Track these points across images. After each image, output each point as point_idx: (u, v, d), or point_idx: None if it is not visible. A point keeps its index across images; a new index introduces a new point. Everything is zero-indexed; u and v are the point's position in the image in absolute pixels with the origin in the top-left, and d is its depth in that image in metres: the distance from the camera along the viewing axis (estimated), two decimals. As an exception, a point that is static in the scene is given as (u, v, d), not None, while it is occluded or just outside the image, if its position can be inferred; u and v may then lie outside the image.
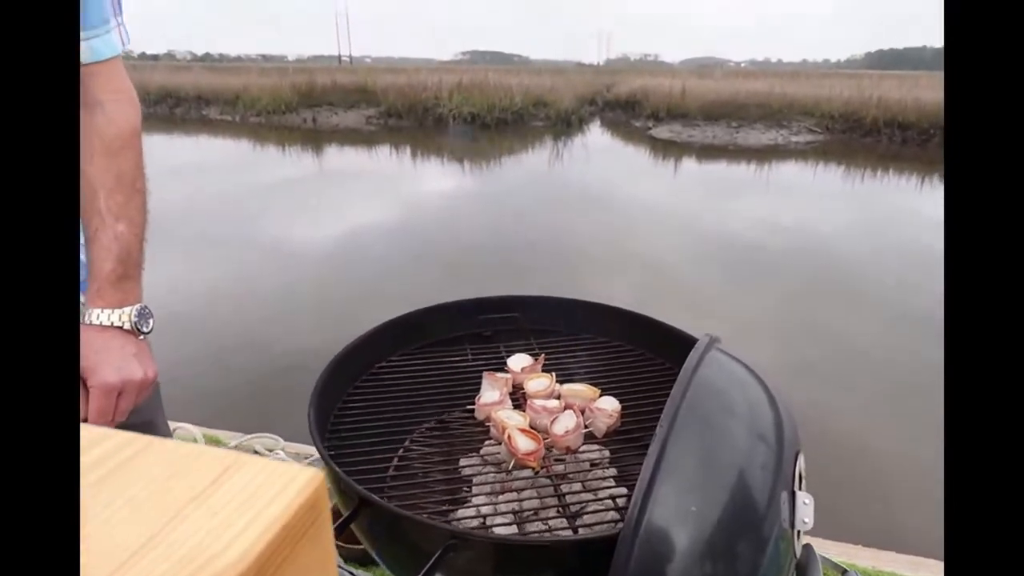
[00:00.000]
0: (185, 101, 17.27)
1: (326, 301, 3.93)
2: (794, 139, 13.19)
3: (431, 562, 0.52)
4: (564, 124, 15.44)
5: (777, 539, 0.55)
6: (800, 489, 0.60)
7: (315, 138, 13.05)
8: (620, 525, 0.54)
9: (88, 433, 0.25)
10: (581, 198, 7.76)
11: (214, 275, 4.42)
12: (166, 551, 0.19)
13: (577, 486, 0.74)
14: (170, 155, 9.94)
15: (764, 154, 11.54)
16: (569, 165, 10.54)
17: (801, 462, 0.62)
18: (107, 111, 0.69)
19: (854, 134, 13.19)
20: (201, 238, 5.31)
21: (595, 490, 0.73)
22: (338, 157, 11.27)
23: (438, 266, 4.80)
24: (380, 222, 6.20)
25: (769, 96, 14.81)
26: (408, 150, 11.92)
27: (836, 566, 0.74)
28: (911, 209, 7.37)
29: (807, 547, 0.70)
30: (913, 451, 2.41)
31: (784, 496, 0.57)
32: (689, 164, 10.81)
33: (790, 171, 10.17)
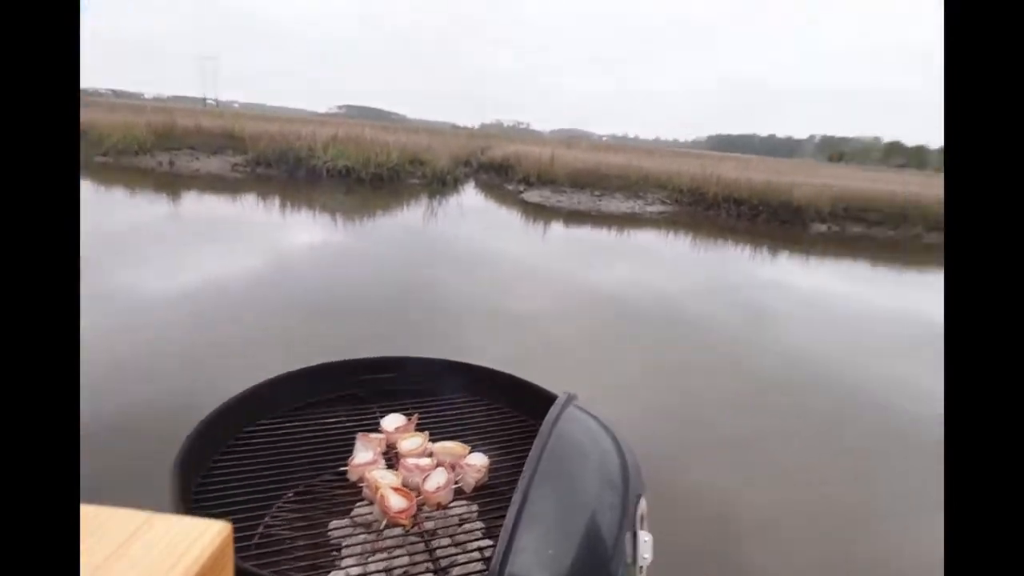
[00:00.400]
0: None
1: (181, 358, 3.62)
2: (649, 209, 14.53)
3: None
4: (439, 183, 15.77)
5: (621, 570, 0.63)
6: (642, 528, 0.68)
7: (173, 183, 12.17)
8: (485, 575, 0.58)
9: None
10: (456, 256, 7.91)
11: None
12: None
13: (446, 541, 0.77)
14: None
15: (623, 221, 12.57)
16: (444, 223, 10.73)
17: (643, 504, 0.71)
18: None
19: (699, 207, 14.83)
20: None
21: (463, 543, 0.77)
22: (198, 204, 10.58)
23: (307, 322, 4.62)
24: (245, 274, 5.86)
25: (627, 169, 16.30)
26: (277, 200, 11.48)
27: None
28: (747, 273, 8.38)
29: (651, 583, 0.78)
30: (751, 493, 2.68)
31: (628, 536, 0.66)
32: (557, 227, 11.47)
33: (646, 237, 11.14)
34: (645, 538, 0.67)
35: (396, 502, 0.70)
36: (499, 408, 0.98)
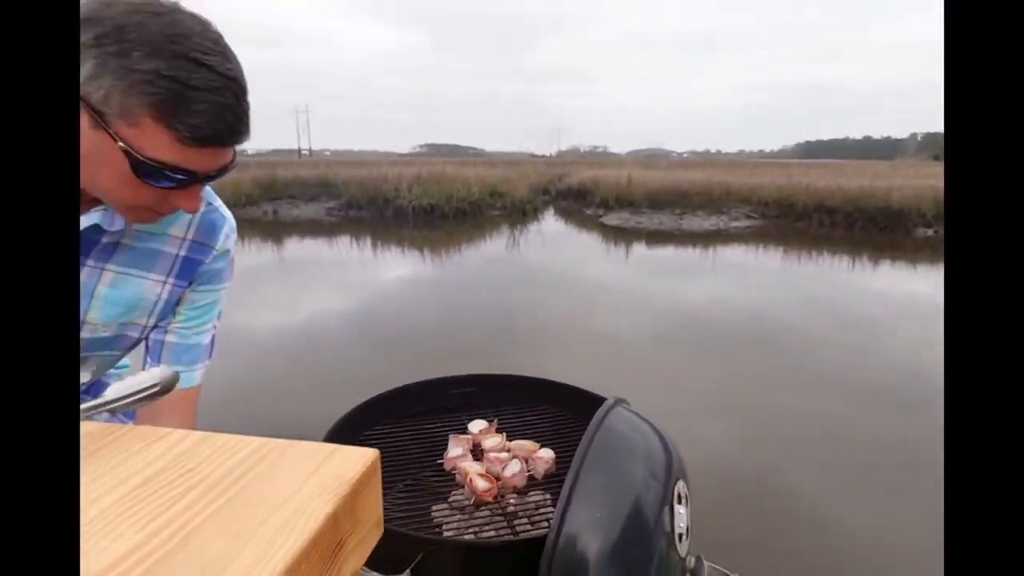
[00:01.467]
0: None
1: (303, 379, 4.03)
2: (734, 224, 14.17)
3: (415, 562, 0.72)
4: (520, 213, 16.19)
5: (662, 539, 0.78)
6: (680, 504, 0.83)
7: (276, 230, 13.32)
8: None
9: (230, 441, 0.46)
10: (538, 281, 8.14)
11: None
12: (312, 493, 0.40)
13: (524, 520, 0.95)
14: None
15: (707, 238, 12.34)
16: (526, 250, 11.03)
17: (681, 485, 0.85)
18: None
19: (787, 219, 14.27)
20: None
21: (537, 521, 0.94)
22: (300, 248, 11.52)
23: (403, 348, 4.98)
24: (345, 307, 6.38)
25: (709, 185, 16.01)
26: (368, 240, 12.26)
27: (721, 571, 0.95)
28: (846, 284, 8.00)
29: (699, 557, 0.92)
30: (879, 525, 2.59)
31: (666, 509, 0.80)
32: (639, 248, 11.46)
33: (734, 253, 10.87)
34: (681, 511, 0.81)
35: (481, 484, 0.89)
36: (565, 414, 1.15)
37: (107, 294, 0.80)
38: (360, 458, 0.44)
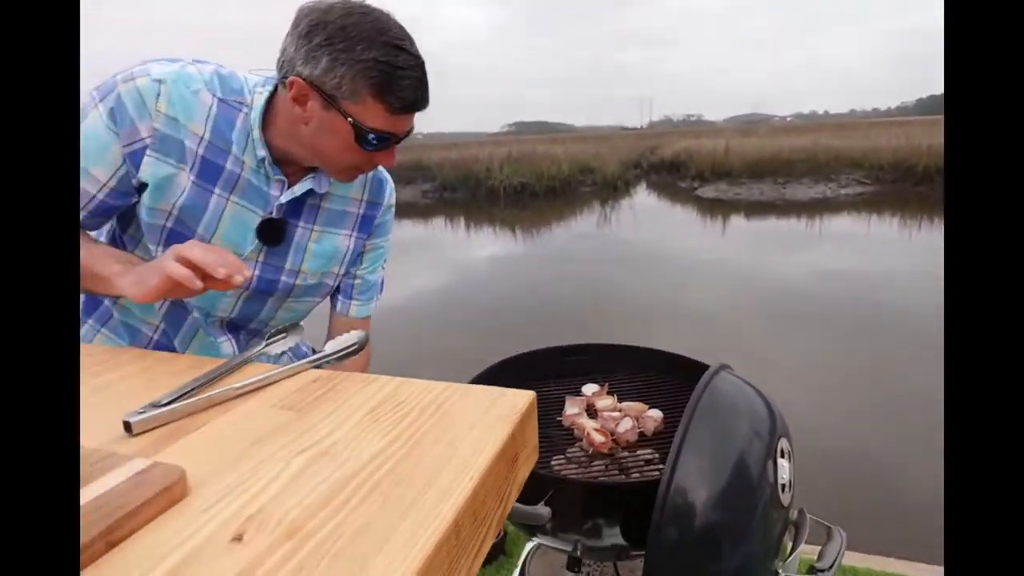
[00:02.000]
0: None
1: (419, 352, 4.34)
2: (843, 192, 13.26)
3: (547, 497, 0.86)
4: (611, 189, 16.01)
5: (766, 489, 0.87)
6: (782, 458, 0.91)
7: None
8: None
9: (423, 384, 0.60)
10: (632, 258, 8.10)
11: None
12: (489, 422, 0.54)
13: (635, 472, 1.06)
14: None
15: (813, 208, 11.66)
16: (618, 227, 10.95)
17: (784, 442, 0.93)
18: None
19: (905, 184, 13.16)
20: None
21: (648, 472, 1.05)
22: (398, 230, 12.08)
23: (509, 318, 5.21)
24: (449, 284, 6.70)
25: (814, 150, 15.04)
26: (462, 220, 12.61)
27: (823, 524, 1.01)
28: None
29: (801, 510, 0.99)
30: None
31: (769, 463, 0.89)
32: (738, 221, 11.04)
33: (842, 224, 10.21)
34: (785, 465, 0.89)
35: (598, 438, 1.01)
36: (671, 380, 1.24)
37: (315, 248, 1.00)
38: (523, 397, 0.57)
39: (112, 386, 0.64)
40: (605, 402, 1.13)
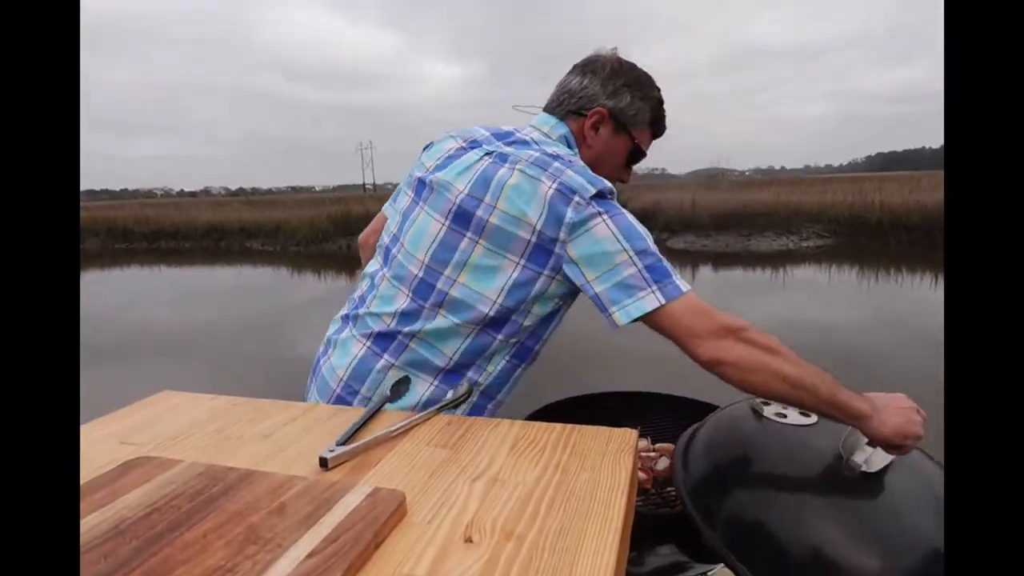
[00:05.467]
0: (229, 234, 18.86)
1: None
2: (804, 244, 13.91)
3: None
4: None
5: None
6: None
7: (351, 263, 14.08)
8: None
9: (543, 426, 0.74)
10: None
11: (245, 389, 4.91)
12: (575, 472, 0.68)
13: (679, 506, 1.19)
14: (240, 281, 10.82)
15: (777, 259, 12.18)
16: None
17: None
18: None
19: (861, 237, 13.88)
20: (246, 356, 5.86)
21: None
22: (377, 280, 12.12)
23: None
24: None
25: (776, 204, 15.77)
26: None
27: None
28: (932, 302, 7.68)
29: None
30: None
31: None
32: (706, 271, 11.43)
33: (805, 274, 10.68)
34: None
35: (641, 475, 1.14)
36: (683, 421, 1.40)
37: None
38: (630, 434, 0.72)
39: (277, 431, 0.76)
40: (642, 443, 1.27)
